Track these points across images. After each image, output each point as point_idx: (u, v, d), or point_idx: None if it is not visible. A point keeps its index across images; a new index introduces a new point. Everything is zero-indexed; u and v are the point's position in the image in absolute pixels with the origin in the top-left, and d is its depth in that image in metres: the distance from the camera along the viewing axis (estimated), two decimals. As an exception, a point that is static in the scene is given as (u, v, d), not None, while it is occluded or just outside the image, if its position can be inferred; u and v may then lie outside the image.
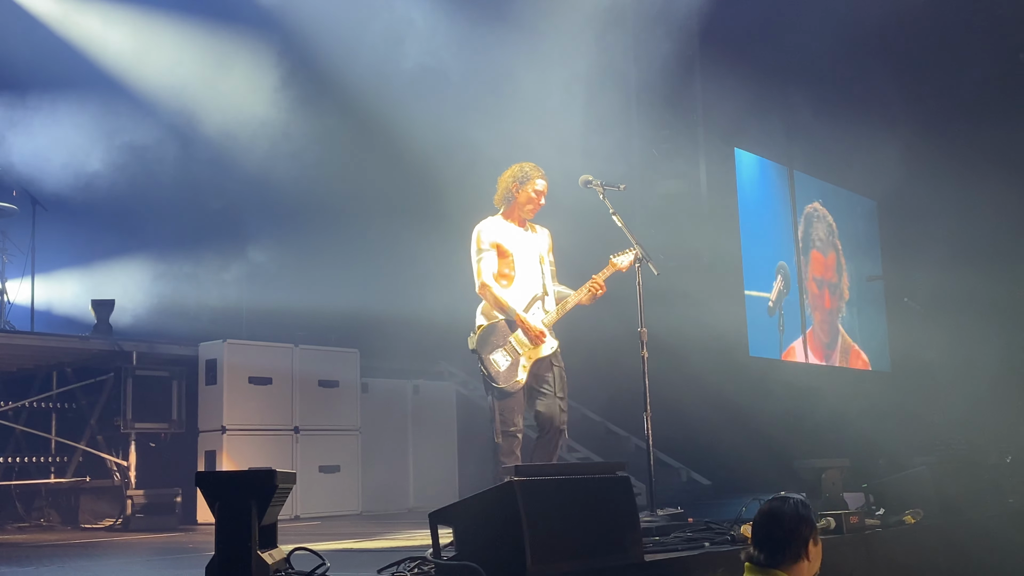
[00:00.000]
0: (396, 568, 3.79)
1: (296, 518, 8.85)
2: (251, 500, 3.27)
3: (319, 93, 10.21)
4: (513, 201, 5.96)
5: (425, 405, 10.80)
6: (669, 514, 5.62)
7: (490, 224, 5.98)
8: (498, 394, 5.71)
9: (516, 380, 5.72)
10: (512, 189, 5.94)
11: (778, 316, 12.35)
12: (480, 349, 5.77)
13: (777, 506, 3.62)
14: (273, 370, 9.27)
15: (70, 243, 10.17)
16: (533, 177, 5.94)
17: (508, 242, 5.92)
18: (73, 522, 8.84)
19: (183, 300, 10.08)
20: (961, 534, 6.15)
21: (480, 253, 5.88)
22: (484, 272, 5.85)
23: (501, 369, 5.72)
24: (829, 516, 5.35)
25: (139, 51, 10.16)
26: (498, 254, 5.89)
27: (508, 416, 5.69)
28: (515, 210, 5.98)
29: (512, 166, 6.01)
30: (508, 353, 5.75)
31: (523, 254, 5.94)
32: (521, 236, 5.99)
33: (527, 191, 5.92)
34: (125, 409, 8.68)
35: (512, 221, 5.99)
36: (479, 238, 5.92)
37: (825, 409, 11.27)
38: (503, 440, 5.67)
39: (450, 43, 9.85)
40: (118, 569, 5.26)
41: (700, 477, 10.69)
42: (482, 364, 5.75)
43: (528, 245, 6.00)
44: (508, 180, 5.97)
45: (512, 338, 5.78)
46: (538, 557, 3.74)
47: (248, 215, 10.60)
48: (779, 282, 12.72)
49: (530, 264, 5.96)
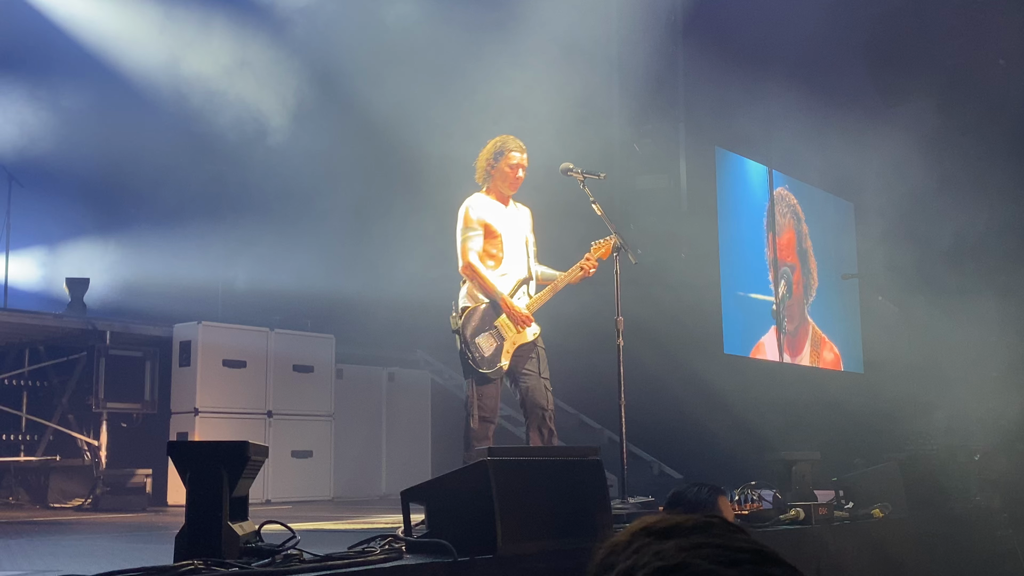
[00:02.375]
0: (367, 545, 3.79)
1: (267, 502, 8.83)
2: (223, 470, 3.26)
3: (294, 72, 10.15)
4: (492, 177, 5.83)
5: (400, 393, 10.80)
6: (640, 502, 5.65)
7: (478, 201, 5.82)
8: (479, 379, 5.60)
9: (499, 366, 5.62)
10: (490, 164, 5.82)
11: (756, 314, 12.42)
12: (464, 332, 5.63)
13: (681, 491, 3.75)
14: (248, 353, 9.24)
15: (45, 220, 10.10)
16: (510, 150, 5.81)
17: (496, 221, 5.78)
18: (42, 501, 8.78)
19: (158, 280, 10.02)
20: (927, 529, 6.22)
21: (467, 231, 5.72)
22: (469, 251, 5.70)
23: (485, 354, 5.60)
24: (798, 507, 5.40)
25: (118, 27, 10.08)
26: (486, 233, 5.74)
27: (486, 402, 5.59)
28: (496, 186, 5.85)
29: (491, 140, 5.90)
30: (493, 337, 5.64)
31: (510, 234, 5.82)
32: (506, 214, 5.86)
33: (503, 166, 5.80)
34: (97, 388, 8.64)
35: (495, 198, 5.86)
36: (467, 215, 5.75)
37: (798, 406, 11.34)
38: (478, 425, 5.57)
39: (428, 22, 9.80)
40: (86, 545, 5.23)
41: (672, 470, 10.73)
42: (465, 347, 5.61)
43: (514, 224, 5.88)
44: (487, 155, 5.85)
45: (497, 322, 5.67)
46: (509, 536, 3.76)
47: (227, 196, 10.56)
48: (783, 287, 12.86)
49: (516, 245, 5.85)
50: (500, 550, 3.71)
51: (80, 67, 9.99)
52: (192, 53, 9.93)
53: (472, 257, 5.70)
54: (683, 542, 1.18)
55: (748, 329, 12.30)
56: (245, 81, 10.05)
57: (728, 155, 12.52)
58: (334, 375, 9.95)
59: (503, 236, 5.78)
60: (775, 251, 12.95)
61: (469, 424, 5.58)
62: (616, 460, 5.94)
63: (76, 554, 4.59)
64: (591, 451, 4.48)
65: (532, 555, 3.86)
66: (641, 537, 1.23)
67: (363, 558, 3.44)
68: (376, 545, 3.77)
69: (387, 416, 10.62)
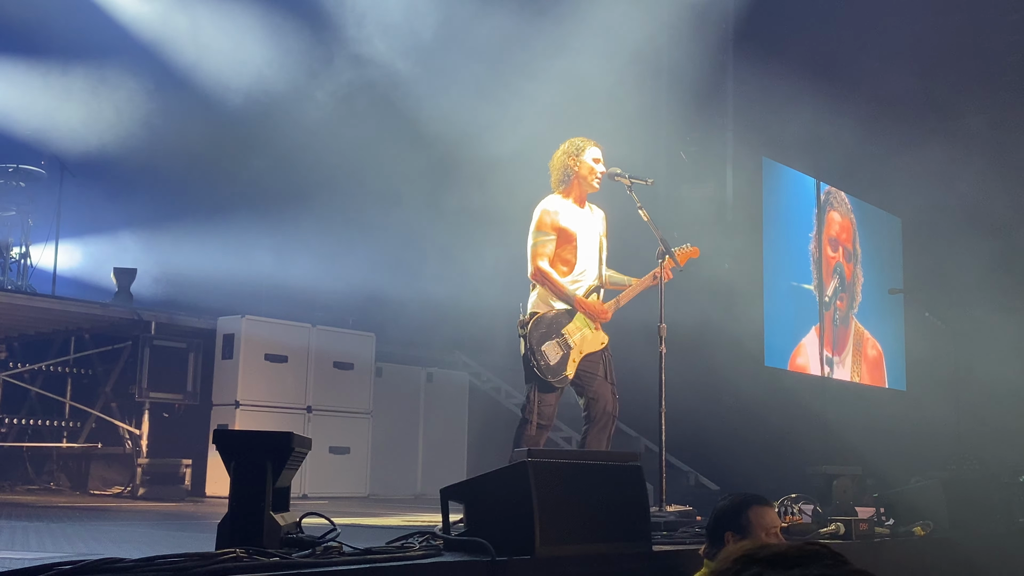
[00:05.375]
0: (405, 541, 3.80)
1: (304, 497, 8.88)
2: (267, 460, 3.27)
3: (345, 71, 10.20)
4: (574, 176, 5.67)
5: (437, 393, 10.83)
6: (678, 511, 5.61)
7: (555, 203, 5.67)
8: (542, 386, 5.50)
9: (564, 375, 5.54)
10: (571, 164, 5.66)
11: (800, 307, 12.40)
12: (530, 338, 5.52)
13: (719, 501, 3.77)
14: (289, 348, 9.31)
15: (96, 210, 10.24)
16: (587, 146, 5.68)
17: (573, 224, 5.64)
18: (82, 487, 8.89)
19: (204, 273, 10.12)
20: (969, 549, 6.11)
21: (540, 235, 5.59)
22: (540, 256, 5.57)
23: (551, 362, 5.50)
24: (839, 521, 5.34)
25: (170, 23, 10.21)
26: (562, 238, 5.61)
27: (545, 409, 5.51)
28: (576, 186, 5.69)
29: (560, 146, 5.76)
30: (559, 346, 5.54)
31: (585, 238, 5.68)
32: (583, 217, 5.72)
33: (587, 162, 5.66)
34: (141, 378, 8.73)
35: (574, 200, 5.71)
36: (542, 219, 5.61)
37: (838, 421, 11.22)
38: (535, 431, 5.47)
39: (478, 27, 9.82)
40: (126, 531, 5.29)
41: (709, 481, 10.66)
42: (531, 353, 5.49)
43: (590, 227, 5.74)
44: (563, 157, 5.69)
45: (565, 330, 5.57)
46: (547, 538, 3.74)
47: (274, 192, 10.64)
48: (835, 280, 12.89)
49: (591, 249, 5.71)
50: (538, 551, 3.69)
51: (133, 61, 10.12)
52: (242, 49, 10.02)
53: (543, 262, 5.59)
54: (803, 572, 1.16)
55: (790, 328, 12.19)
56: (294, 79, 10.13)
57: (775, 166, 12.42)
58: (373, 373, 9.99)
59: (579, 240, 5.66)
60: (821, 256, 12.86)
61: (526, 429, 5.48)
62: (653, 469, 5.86)
63: (117, 539, 4.64)
64: (631, 456, 4.45)
65: (570, 558, 3.84)
66: (750, 566, 1.20)
67: (402, 553, 3.45)
68: (415, 541, 3.77)
69: (424, 416, 10.64)
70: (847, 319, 13.38)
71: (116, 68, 10.08)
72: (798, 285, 12.50)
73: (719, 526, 3.79)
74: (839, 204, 13.60)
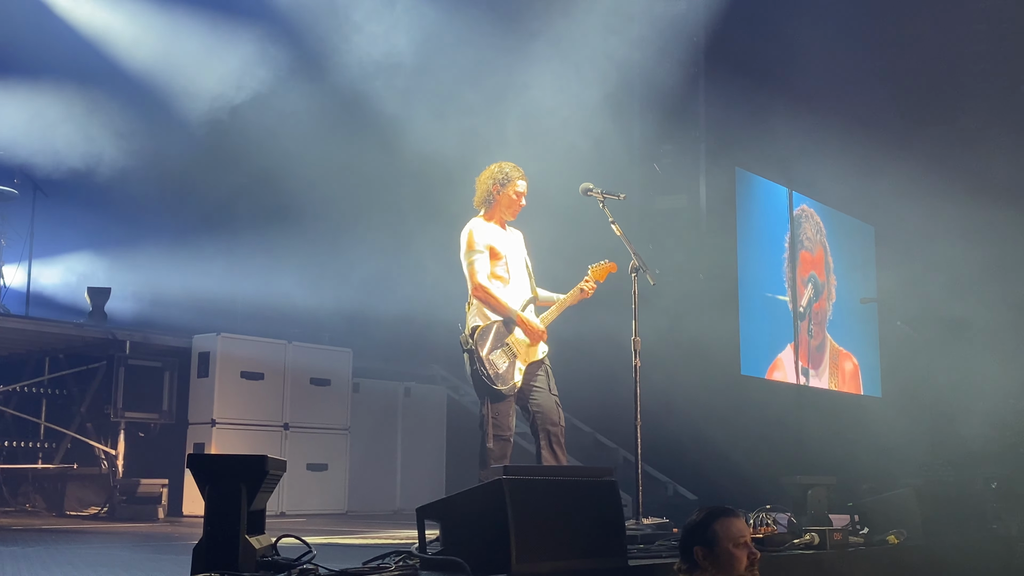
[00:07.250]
0: (381, 561, 3.80)
1: (282, 514, 8.86)
2: (241, 484, 3.28)
3: (320, 89, 10.22)
4: (494, 203, 5.80)
5: (415, 407, 10.83)
6: (655, 523, 5.63)
7: (481, 225, 5.81)
8: (493, 396, 5.57)
9: (514, 383, 5.62)
10: (493, 191, 5.78)
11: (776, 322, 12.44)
12: (477, 349, 5.60)
13: (689, 517, 3.79)
14: (266, 365, 9.29)
15: (69, 229, 10.19)
16: (514, 178, 5.78)
17: (499, 244, 5.78)
18: (58, 508, 8.83)
19: (178, 292, 10.09)
20: (943, 556, 6.16)
21: (473, 254, 5.70)
22: (479, 273, 5.68)
23: (500, 371, 5.58)
24: (813, 531, 5.37)
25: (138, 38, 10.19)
26: (491, 256, 5.73)
27: (501, 420, 5.55)
28: (496, 212, 5.82)
29: (490, 165, 5.84)
30: (506, 354, 5.63)
31: (512, 257, 5.83)
32: (506, 238, 5.87)
33: (508, 193, 5.77)
34: (116, 398, 8.69)
35: (494, 223, 5.84)
36: (471, 239, 5.73)
37: (814, 429, 11.29)
38: (495, 444, 5.52)
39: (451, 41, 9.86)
40: (103, 555, 5.27)
41: (686, 491, 10.69)
42: (480, 365, 5.57)
43: (514, 247, 5.89)
44: (488, 181, 5.80)
45: (508, 340, 5.67)
46: (523, 555, 3.76)
47: (248, 210, 10.62)
48: (810, 289, 12.93)
49: (519, 267, 5.87)
50: (514, 568, 3.71)
51: (107, 79, 10.09)
52: (217, 66, 10.02)
53: (482, 278, 5.69)
54: None
55: (766, 340, 12.25)
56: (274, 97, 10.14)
57: (748, 176, 12.50)
58: (351, 389, 9.98)
59: (507, 258, 5.79)
60: (795, 268, 12.95)
61: (485, 443, 5.54)
62: (631, 480, 5.91)
63: (94, 563, 4.62)
64: (606, 471, 4.48)
65: (546, 574, 3.86)
66: None
67: (378, 574, 3.46)
68: (391, 561, 3.78)
69: (402, 431, 10.64)
70: (823, 339, 13.46)
71: (89, 86, 10.04)
72: (773, 296, 12.57)
73: (688, 542, 3.81)
74: (812, 213, 13.72)
